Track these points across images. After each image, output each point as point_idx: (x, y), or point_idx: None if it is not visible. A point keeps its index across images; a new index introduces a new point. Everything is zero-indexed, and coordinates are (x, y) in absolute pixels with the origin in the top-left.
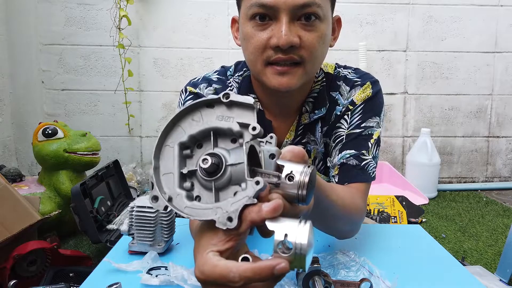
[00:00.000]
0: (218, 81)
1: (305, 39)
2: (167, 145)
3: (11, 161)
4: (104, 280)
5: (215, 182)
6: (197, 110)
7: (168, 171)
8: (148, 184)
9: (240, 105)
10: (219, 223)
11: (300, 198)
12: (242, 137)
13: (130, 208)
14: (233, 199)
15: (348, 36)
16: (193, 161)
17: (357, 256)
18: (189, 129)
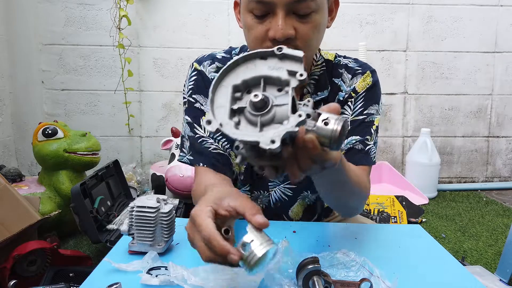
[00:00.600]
0: (222, 59)
1: (300, 31)
2: (222, 85)
3: (11, 161)
4: (104, 280)
5: (261, 117)
6: (251, 60)
7: (221, 105)
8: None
9: (290, 57)
10: (263, 144)
11: (332, 140)
12: (288, 85)
13: (130, 208)
14: (277, 130)
15: (348, 36)
16: (242, 102)
17: (357, 256)
18: (243, 75)
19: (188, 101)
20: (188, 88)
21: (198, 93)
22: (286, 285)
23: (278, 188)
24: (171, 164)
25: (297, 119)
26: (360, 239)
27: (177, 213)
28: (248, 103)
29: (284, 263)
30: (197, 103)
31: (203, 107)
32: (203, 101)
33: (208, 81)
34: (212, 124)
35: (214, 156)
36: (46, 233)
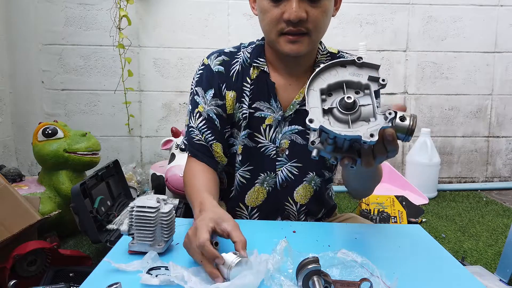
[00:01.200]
0: (229, 53)
1: (311, 14)
2: (311, 89)
3: (11, 161)
4: (104, 280)
5: (351, 116)
6: (333, 67)
7: (314, 106)
8: (148, 185)
9: (368, 65)
10: (365, 137)
11: (408, 134)
12: (367, 89)
13: (130, 208)
14: (368, 126)
15: (348, 36)
16: (326, 104)
17: (357, 256)
18: (327, 80)
19: (192, 91)
20: (195, 80)
21: (199, 85)
22: (286, 285)
23: (285, 167)
24: (171, 164)
25: (388, 116)
26: (360, 239)
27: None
28: (337, 104)
29: (284, 263)
30: (196, 95)
31: (199, 99)
32: (200, 93)
33: (210, 72)
34: (315, 122)
35: (198, 148)
36: (46, 233)
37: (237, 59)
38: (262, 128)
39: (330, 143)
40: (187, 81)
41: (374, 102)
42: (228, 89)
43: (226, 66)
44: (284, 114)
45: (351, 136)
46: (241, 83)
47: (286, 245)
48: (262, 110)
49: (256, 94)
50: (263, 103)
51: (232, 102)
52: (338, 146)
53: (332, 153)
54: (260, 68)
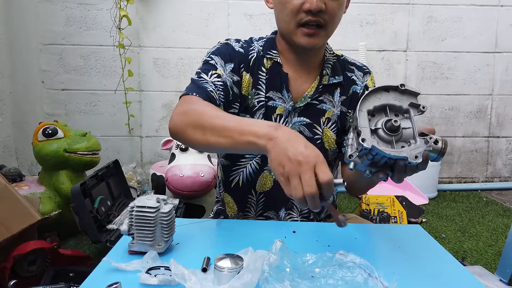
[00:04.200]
0: (245, 42)
1: (329, 6)
2: (360, 110)
3: (11, 161)
4: (104, 279)
5: (395, 137)
6: (378, 92)
7: (364, 126)
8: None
9: (409, 92)
10: (411, 159)
11: (440, 155)
12: (407, 113)
13: (130, 208)
14: (410, 148)
15: (348, 36)
16: (371, 123)
17: (356, 257)
18: (373, 102)
19: (204, 60)
20: (209, 52)
21: (217, 55)
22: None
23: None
24: (171, 164)
25: (430, 141)
26: (360, 239)
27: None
28: (382, 125)
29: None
30: (212, 60)
31: (217, 65)
32: (219, 61)
33: (232, 49)
34: (367, 142)
35: (210, 95)
36: (46, 233)
37: (252, 49)
38: (273, 117)
39: (369, 159)
40: (187, 81)
41: (414, 126)
42: (246, 71)
43: (245, 50)
44: (295, 105)
45: (398, 157)
46: (257, 71)
47: (282, 245)
48: (274, 99)
49: (269, 83)
50: (276, 93)
51: (248, 84)
52: (375, 161)
53: (368, 167)
54: (273, 59)
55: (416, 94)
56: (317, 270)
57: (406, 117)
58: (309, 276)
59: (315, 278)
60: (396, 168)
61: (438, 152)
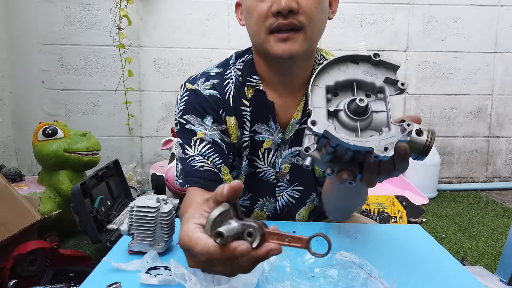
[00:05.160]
0: (216, 75)
1: (303, 4)
2: (316, 85)
3: (11, 161)
4: (104, 279)
5: (360, 122)
6: (343, 62)
7: (318, 105)
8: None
9: (385, 65)
10: (378, 151)
11: (424, 151)
12: (381, 93)
13: (130, 208)
14: (380, 137)
15: (348, 36)
16: (331, 104)
17: (355, 257)
18: (336, 76)
19: (179, 122)
20: (179, 109)
21: (190, 113)
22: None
23: (285, 192)
24: (171, 164)
25: (406, 128)
26: (360, 239)
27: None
28: (345, 106)
29: (281, 262)
30: (187, 124)
31: (194, 127)
32: (195, 121)
33: (203, 98)
34: (318, 125)
35: (202, 175)
36: (46, 233)
37: (228, 79)
38: (261, 152)
39: (330, 152)
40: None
41: (389, 109)
42: (228, 115)
43: (219, 89)
44: (284, 137)
45: (361, 148)
46: (239, 107)
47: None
48: (260, 133)
49: (254, 116)
50: (261, 125)
51: (235, 129)
52: (338, 156)
53: (329, 163)
54: (254, 87)
55: (395, 67)
56: (317, 270)
57: (380, 97)
58: (309, 276)
59: (315, 278)
60: (365, 166)
61: (421, 148)
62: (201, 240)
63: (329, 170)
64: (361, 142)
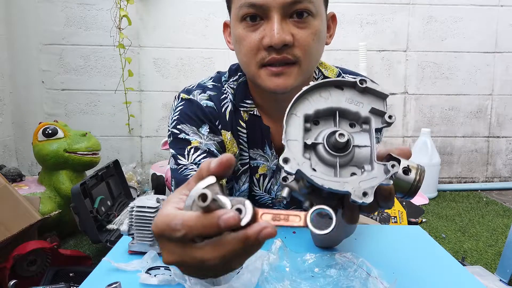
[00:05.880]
0: (213, 88)
1: (299, 37)
2: (293, 114)
3: (11, 161)
4: (103, 279)
5: (340, 158)
6: (326, 88)
7: (294, 138)
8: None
9: (373, 92)
10: (355, 196)
11: (411, 191)
12: (366, 124)
13: (130, 208)
14: (361, 178)
15: (348, 36)
16: (311, 135)
17: (355, 257)
18: (316, 104)
19: (171, 133)
20: (173, 119)
21: (184, 122)
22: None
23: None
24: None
25: (390, 170)
26: (360, 239)
27: None
28: (324, 139)
29: (280, 262)
30: (181, 134)
31: (189, 137)
32: (189, 130)
33: (199, 107)
34: (291, 163)
35: None
36: (46, 233)
37: (225, 94)
38: (255, 178)
39: (307, 186)
40: (187, 81)
41: (374, 145)
42: (225, 129)
43: (216, 101)
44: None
45: (337, 191)
46: (236, 127)
47: (281, 245)
48: (255, 158)
49: (250, 140)
50: (256, 150)
51: (231, 145)
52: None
53: (307, 196)
54: (249, 111)
55: (383, 95)
56: (316, 270)
57: (365, 129)
58: (309, 275)
59: (315, 277)
60: (345, 204)
61: (407, 188)
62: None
63: (307, 203)
64: (337, 184)
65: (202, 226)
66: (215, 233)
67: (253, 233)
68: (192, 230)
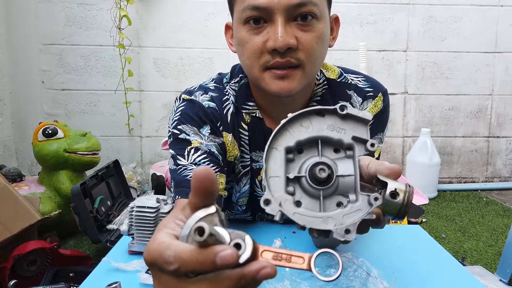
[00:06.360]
0: (215, 89)
1: (303, 40)
2: (274, 148)
3: (11, 161)
4: (103, 279)
5: (323, 191)
6: (306, 117)
7: (275, 174)
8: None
9: (355, 118)
10: (337, 234)
11: (401, 215)
12: (350, 150)
13: (130, 208)
14: (344, 211)
15: (348, 36)
16: (295, 165)
17: (355, 257)
18: (297, 135)
19: (172, 133)
20: (173, 120)
21: (185, 123)
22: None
23: None
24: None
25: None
26: (360, 239)
27: None
28: (307, 173)
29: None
30: (181, 134)
31: (189, 137)
32: (190, 131)
33: (201, 108)
34: (272, 205)
35: None
36: (46, 233)
37: (227, 96)
38: (258, 180)
39: None
40: (187, 81)
41: (357, 173)
42: (226, 131)
43: (217, 103)
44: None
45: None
46: (238, 129)
47: (281, 244)
48: (257, 161)
49: (252, 143)
50: (259, 152)
51: (232, 147)
52: None
53: None
54: (251, 114)
55: (365, 121)
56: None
57: (350, 155)
58: (309, 275)
59: (315, 277)
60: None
61: (396, 211)
62: (173, 243)
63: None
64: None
65: (196, 261)
66: (211, 270)
67: (251, 272)
68: (186, 265)
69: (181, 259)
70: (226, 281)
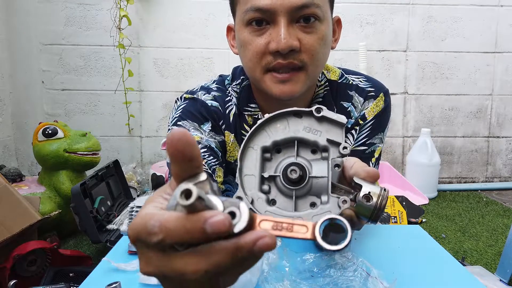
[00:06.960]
0: (218, 89)
1: (305, 42)
2: (250, 147)
3: (11, 161)
4: (103, 279)
5: (296, 191)
6: (284, 117)
7: (250, 173)
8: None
9: (331, 121)
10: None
11: (373, 218)
12: (326, 151)
13: (130, 208)
14: (314, 212)
15: (348, 36)
16: (272, 164)
17: (354, 257)
18: (274, 135)
19: (170, 130)
20: (173, 117)
21: (186, 119)
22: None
23: None
24: None
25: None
26: (359, 239)
27: None
28: (281, 172)
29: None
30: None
31: (190, 132)
32: (190, 126)
33: (203, 105)
34: (244, 201)
35: None
36: (46, 233)
37: (230, 97)
38: None
39: None
40: (187, 81)
41: (330, 176)
42: (228, 130)
43: (220, 102)
44: None
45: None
46: (240, 130)
47: (281, 244)
48: None
49: None
50: None
51: (233, 147)
52: None
53: None
54: (253, 116)
55: (340, 124)
56: (316, 269)
57: (325, 157)
58: (309, 275)
59: (315, 277)
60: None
61: (368, 214)
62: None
63: None
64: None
65: (184, 230)
66: (201, 240)
67: (247, 243)
68: (172, 235)
69: (166, 228)
70: (218, 254)
